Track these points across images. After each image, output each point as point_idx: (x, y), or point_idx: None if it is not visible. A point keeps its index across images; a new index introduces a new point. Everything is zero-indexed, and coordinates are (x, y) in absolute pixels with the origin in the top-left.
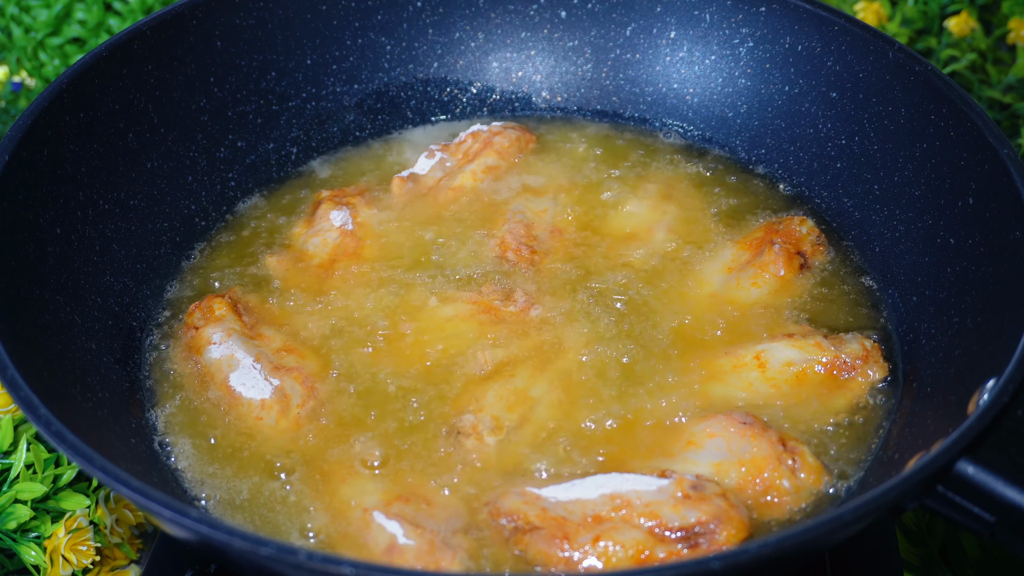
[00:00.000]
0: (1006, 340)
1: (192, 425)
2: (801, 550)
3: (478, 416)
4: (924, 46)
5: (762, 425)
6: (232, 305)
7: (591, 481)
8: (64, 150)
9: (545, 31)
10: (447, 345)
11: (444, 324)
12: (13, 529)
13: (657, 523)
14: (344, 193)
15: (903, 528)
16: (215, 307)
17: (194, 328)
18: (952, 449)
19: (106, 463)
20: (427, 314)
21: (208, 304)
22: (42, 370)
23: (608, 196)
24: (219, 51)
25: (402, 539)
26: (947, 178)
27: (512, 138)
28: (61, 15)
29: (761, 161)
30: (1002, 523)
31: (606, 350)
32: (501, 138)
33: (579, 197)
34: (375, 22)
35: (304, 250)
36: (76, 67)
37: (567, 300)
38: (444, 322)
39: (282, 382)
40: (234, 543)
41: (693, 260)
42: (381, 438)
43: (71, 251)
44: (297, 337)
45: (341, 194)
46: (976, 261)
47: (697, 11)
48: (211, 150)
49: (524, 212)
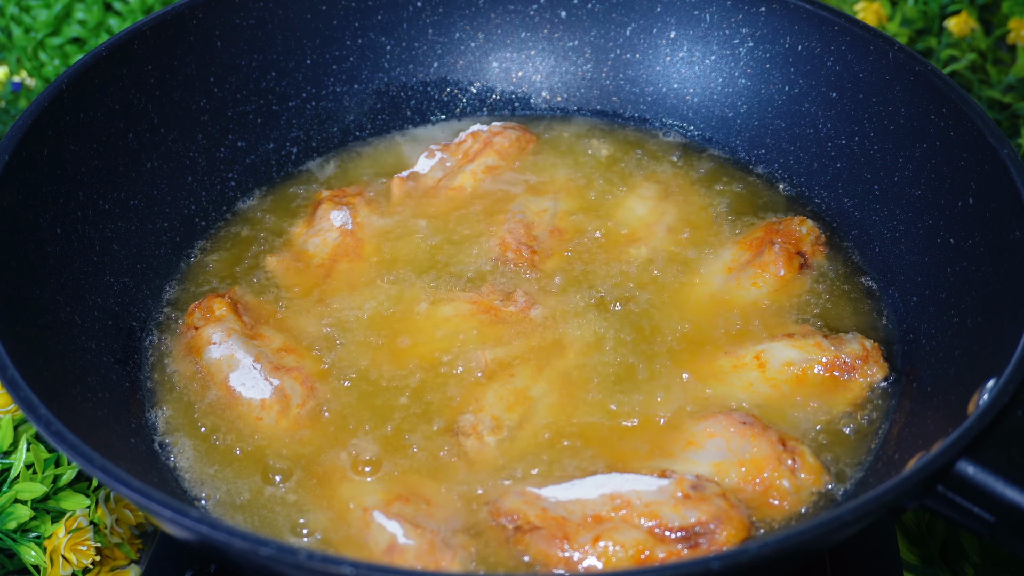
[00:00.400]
0: (1006, 340)
1: (192, 425)
2: (801, 550)
3: (478, 416)
4: (924, 46)
5: (762, 425)
6: (232, 305)
7: (591, 481)
8: (64, 150)
9: (545, 31)
10: (447, 345)
11: (444, 324)
12: (13, 529)
13: (657, 523)
14: (344, 193)
15: (903, 528)
16: (215, 307)
17: (194, 328)
18: (952, 449)
19: (106, 463)
20: (427, 314)
21: (208, 304)
22: (42, 370)
23: (609, 197)
24: (219, 51)
25: (402, 539)
26: (947, 178)
27: (512, 138)
28: (61, 15)
29: (761, 161)
30: (1002, 523)
31: (606, 350)
32: (501, 138)
33: (579, 197)
34: (375, 22)
35: (304, 250)
36: (76, 67)
37: (567, 300)
38: (444, 322)
39: (282, 382)
40: (234, 543)
41: (693, 260)
42: (381, 438)
43: (71, 251)
44: (297, 337)
45: (341, 194)
46: (976, 261)
47: (697, 11)
48: (211, 150)
49: (524, 212)
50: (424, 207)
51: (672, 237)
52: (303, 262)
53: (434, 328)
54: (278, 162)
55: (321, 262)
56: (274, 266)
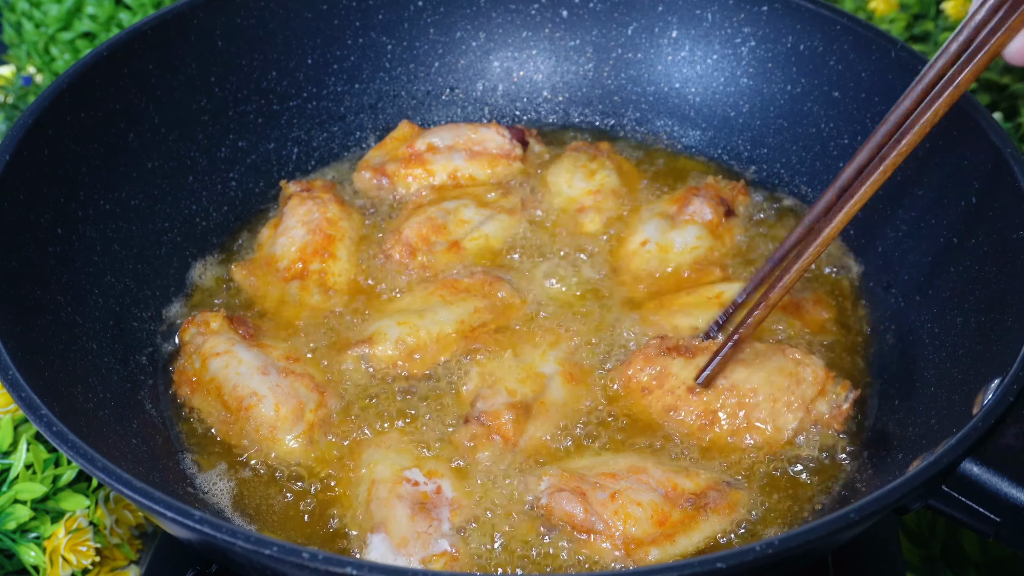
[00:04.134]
0: (1010, 340)
1: (194, 425)
2: (806, 550)
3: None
4: (922, 30)
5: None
6: (227, 319)
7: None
8: (64, 150)
9: (547, 30)
10: (417, 318)
11: (409, 306)
12: (13, 529)
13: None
14: (312, 187)
15: (904, 528)
16: (210, 321)
17: (194, 340)
18: (957, 449)
19: (108, 464)
20: (412, 305)
21: (203, 319)
22: (43, 371)
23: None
24: (220, 51)
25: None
26: (950, 177)
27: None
28: (72, 10)
29: (763, 160)
30: (1008, 523)
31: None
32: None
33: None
34: (376, 22)
35: (272, 254)
36: (77, 67)
37: (539, 273)
38: (411, 304)
39: (293, 387)
40: (238, 544)
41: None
42: (396, 435)
43: (72, 251)
44: (295, 345)
45: (310, 187)
46: (979, 260)
47: (699, 10)
48: (212, 150)
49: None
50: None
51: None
52: (270, 267)
53: (420, 319)
54: (279, 162)
55: (290, 263)
56: (239, 276)
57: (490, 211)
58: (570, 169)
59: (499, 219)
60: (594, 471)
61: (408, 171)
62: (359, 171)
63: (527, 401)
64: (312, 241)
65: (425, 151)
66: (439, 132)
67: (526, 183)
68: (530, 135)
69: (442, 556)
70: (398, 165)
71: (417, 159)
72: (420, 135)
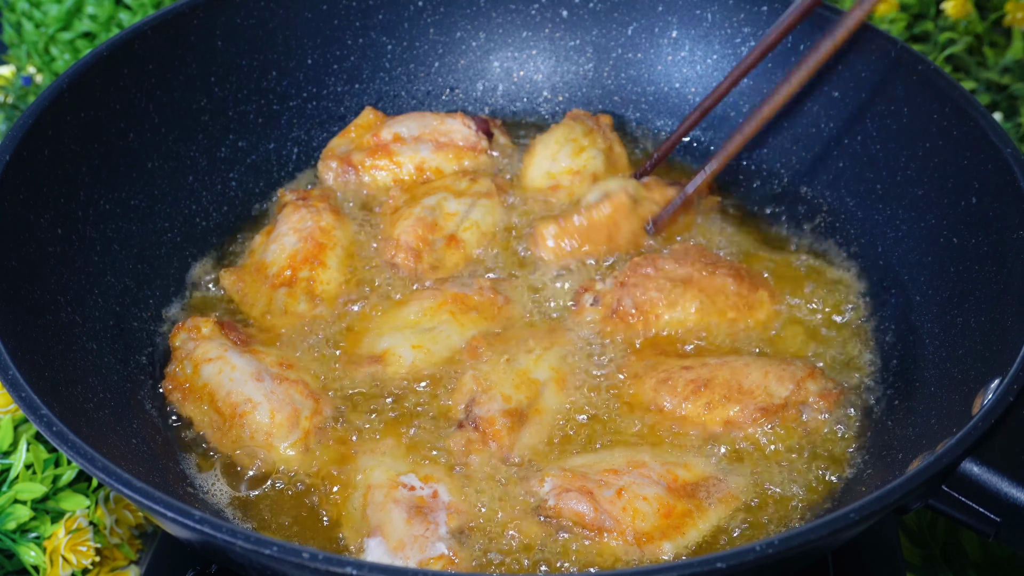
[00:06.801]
0: (1010, 340)
1: (193, 425)
2: (806, 550)
3: (485, 406)
4: (921, 30)
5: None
6: (219, 324)
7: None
8: (64, 150)
9: (547, 30)
10: (430, 339)
11: (419, 320)
12: (13, 529)
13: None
14: (308, 195)
15: (904, 528)
16: (201, 326)
17: (185, 346)
18: (957, 449)
19: (108, 464)
20: (421, 321)
21: (194, 324)
22: (43, 370)
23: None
24: (220, 51)
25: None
26: (950, 177)
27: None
28: (72, 10)
29: (763, 160)
30: (1009, 523)
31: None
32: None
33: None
34: (376, 21)
35: (262, 260)
36: (77, 67)
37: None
38: (420, 318)
39: (288, 394)
40: (238, 544)
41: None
42: (391, 441)
43: (72, 251)
44: (287, 352)
45: (306, 196)
46: (979, 260)
47: (699, 10)
48: (212, 150)
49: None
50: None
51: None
52: (260, 274)
53: (412, 326)
54: (279, 162)
55: (280, 270)
56: (227, 282)
57: (469, 199)
58: (560, 140)
59: (482, 204)
60: (595, 468)
61: (374, 162)
62: (324, 160)
63: (522, 408)
64: (303, 249)
65: (391, 141)
66: (405, 121)
67: (491, 168)
68: (495, 126)
69: (439, 559)
70: (364, 155)
71: (384, 150)
72: (385, 123)
